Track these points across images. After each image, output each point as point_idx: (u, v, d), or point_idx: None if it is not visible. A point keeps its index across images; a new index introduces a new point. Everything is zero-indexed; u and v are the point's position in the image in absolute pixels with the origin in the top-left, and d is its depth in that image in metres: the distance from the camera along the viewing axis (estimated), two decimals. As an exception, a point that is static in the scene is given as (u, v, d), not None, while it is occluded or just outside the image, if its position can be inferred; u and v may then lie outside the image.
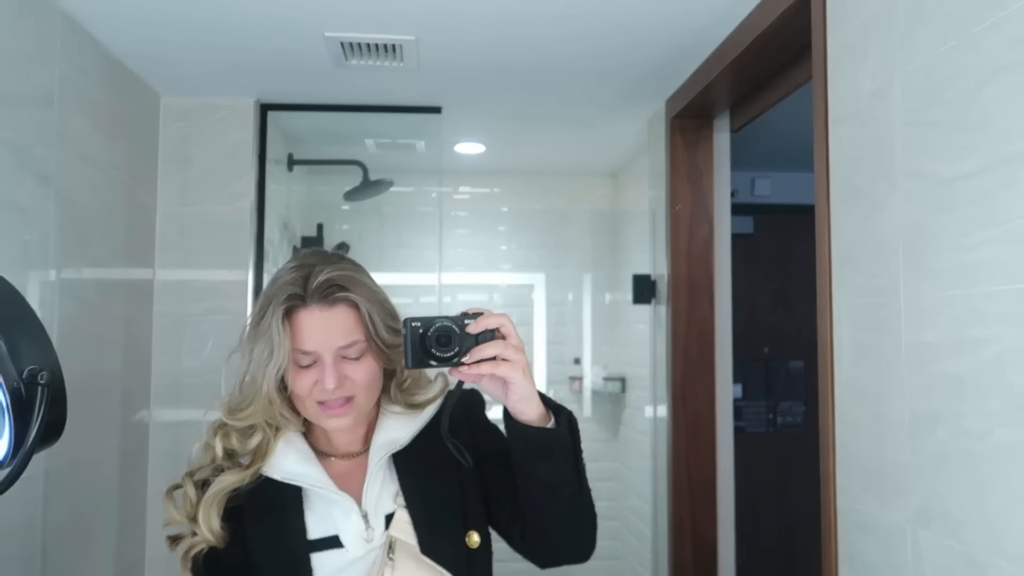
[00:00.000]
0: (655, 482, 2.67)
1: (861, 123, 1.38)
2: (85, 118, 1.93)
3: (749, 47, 1.86)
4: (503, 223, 3.66)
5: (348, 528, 1.09)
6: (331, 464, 1.15)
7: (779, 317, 3.56)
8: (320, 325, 1.08)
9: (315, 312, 1.08)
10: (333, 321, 1.08)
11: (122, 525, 2.20)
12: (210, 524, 1.07)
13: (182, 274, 2.44)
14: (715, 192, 2.49)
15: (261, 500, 1.10)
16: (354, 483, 1.12)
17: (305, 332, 1.08)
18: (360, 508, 1.10)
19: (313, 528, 1.09)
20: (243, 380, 1.12)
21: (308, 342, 1.08)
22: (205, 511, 1.07)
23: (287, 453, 1.12)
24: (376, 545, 1.09)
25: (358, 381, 1.09)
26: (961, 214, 1.11)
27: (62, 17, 1.81)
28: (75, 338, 1.89)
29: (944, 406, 1.15)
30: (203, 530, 1.07)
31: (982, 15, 1.07)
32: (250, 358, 1.10)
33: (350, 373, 1.09)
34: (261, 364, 1.07)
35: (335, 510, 1.10)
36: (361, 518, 1.10)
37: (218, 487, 1.08)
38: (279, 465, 1.11)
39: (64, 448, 1.16)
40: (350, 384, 1.09)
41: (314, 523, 1.10)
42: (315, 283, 1.08)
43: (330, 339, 1.08)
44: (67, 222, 1.84)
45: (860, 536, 1.38)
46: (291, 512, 1.09)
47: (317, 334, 1.08)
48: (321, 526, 1.10)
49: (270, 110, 2.56)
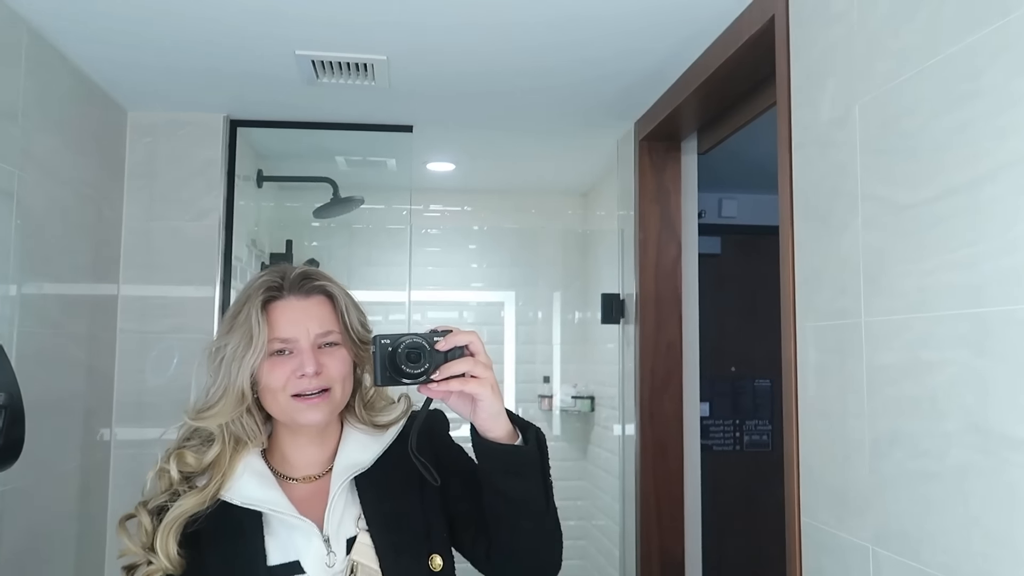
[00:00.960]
0: (623, 501, 2.68)
1: (822, 149, 1.42)
2: (50, 133, 1.91)
3: (715, 72, 1.90)
4: (474, 241, 3.67)
5: (310, 553, 1.07)
6: (292, 488, 1.13)
7: (746, 336, 3.60)
8: (297, 314, 1.11)
9: (292, 302, 1.12)
10: (310, 309, 1.12)
11: (80, 548, 2.15)
12: (167, 551, 1.04)
13: (147, 290, 2.41)
14: (683, 212, 2.53)
15: (220, 525, 1.07)
16: (315, 507, 1.10)
17: (283, 320, 1.10)
18: (322, 532, 1.09)
19: (273, 554, 1.07)
20: (209, 389, 1.11)
21: (286, 329, 1.09)
22: (163, 537, 1.04)
23: (247, 477, 1.10)
24: (338, 571, 1.07)
25: (334, 372, 1.10)
26: (917, 239, 1.14)
27: (28, 32, 1.79)
28: (36, 355, 1.85)
29: (902, 427, 1.17)
30: (161, 558, 1.04)
31: (936, 49, 1.11)
32: (222, 356, 1.09)
33: (326, 363, 1.10)
34: (237, 355, 1.07)
35: (296, 535, 1.08)
36: (323, 543, 1.08)
37: (177, 512, 1.06)
38: (238, 490, 1.08)
39: (21, 468, 1.13)
40: (326, 375, 1.10)
41: (274, 548, 1.07)
42: (292, 276, 1.13)
43: (308, 326, 1.10)
44: (29, 237, 1.81)
45: (823, 555, 1.39)
46: (251, 537, 1.07)
47: (295, 322, 1.10)
48: (282, 551, 1.07)
49: (240, 126, 2.54)
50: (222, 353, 1.09)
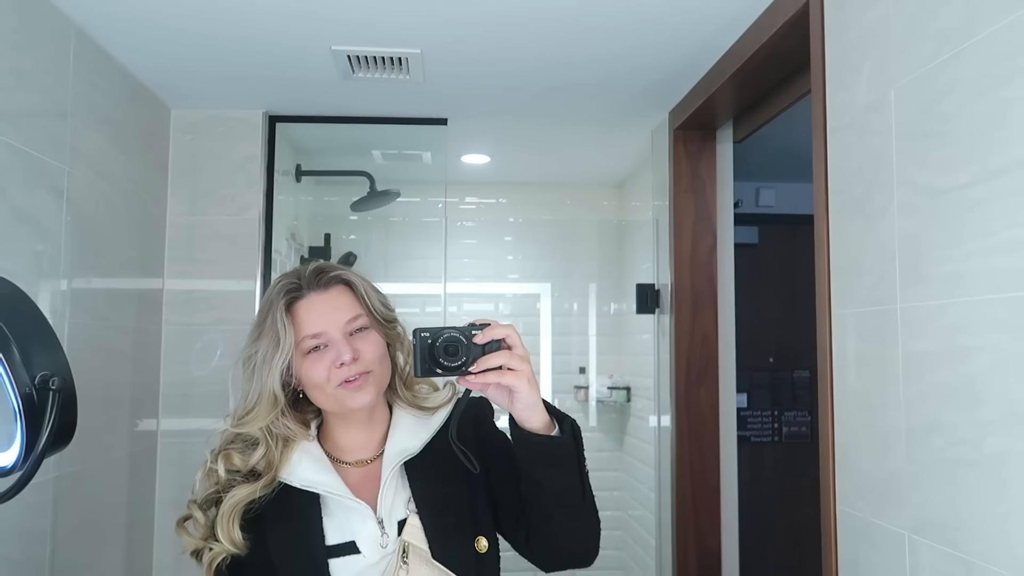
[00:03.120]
0: (659, 491, 2.67)
1: (858, 135, 1.40)
2: (97, 131, 1.97)
3: (750, 60, 1.89)
4: (509, 233, 3.68)
5: (365, 534, 1.12)
6: (345, 471, 1.18)
7: (785, 327, 3.56)
8: (322, 308, 1.14)
9: (313, 298, 1.15)
10: (332, 300, 1.15)
11: (130, 531, 2.22)
12: (231, 536, 1.10)
13: (191, 284, 2.47)
14: (718, 202, 2.51)
15: (280, 508, 1.13)
16: (368, 490, 1.15)
17: (309, 317, 1.13)
18: (376, 514, 1.13)
19: (331, 534, 1.12)
20: (247, 396, 1.15)
21: (314, 324, 1.13)
22: (223, 524, 1.10)
23: (304, 462, 1.15)
24: (390, 551, 1.11)
25: (370, 355, 1.14)
26: (955, 224, 1.13)
27: (76, 33, 1.85)
28: (85, 347, 1.92)
29: (939, 415, 1.16)
30: (225, 543, 1.09)
31: (973, 30, 1.09)
32: (254, 363, 1.13)
33: (361, 347, 1.14)
34: (267, 360, 1.12)
35: (352, 517, 1.13)
36: (377, 524, 1.12)
37: (232, 500, 1.11)
38: (297, 473, 1.14)
39: (73, 454, 1.18)
40: (363, 359, 1.13)
41: (332, 529, 1.12)
42: (307, 274, 1.17)
43: (334, 316, 1.14)
44: (78, 233, 1.87)
45: (859, 543, 1.38)
46: (309, 518, 1.12)
47: (321, 315, 1.13)
48: (339, 532, 1.12)
49: (278, 122, 2.59)
50: (253, 360, 1.14)
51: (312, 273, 1.17)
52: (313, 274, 1.17)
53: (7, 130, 1.57)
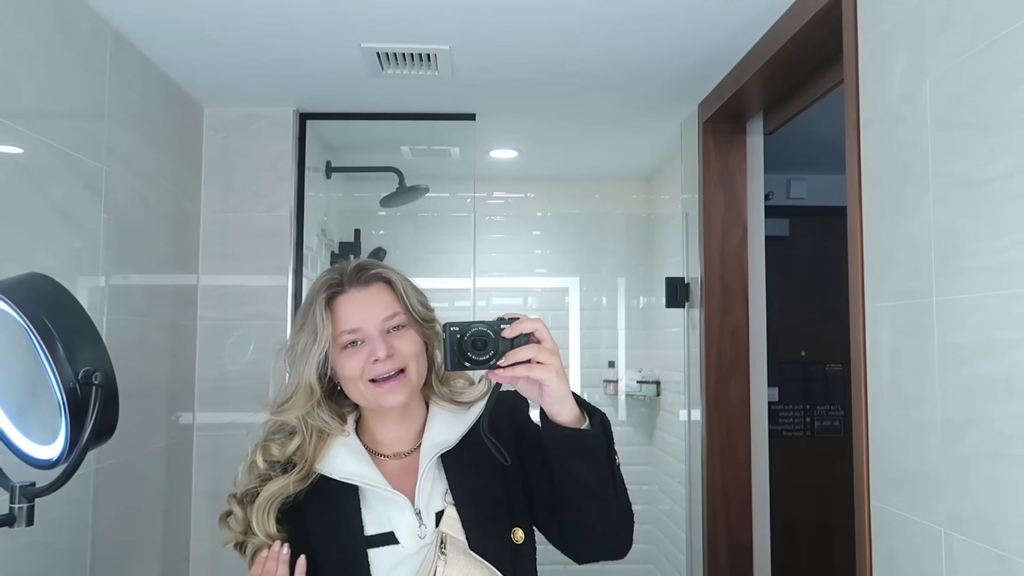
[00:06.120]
0: (690, 486, 2.67)
1: (892, 126, 1.38)
2: (133, 130, 2.01)
3: (780, 51, 1.87)
4: (537, 227, 3.68)
5: (403, 525, 1.14)
6: (383, 463, 1.20)
7: (817, 320, 3.52)
8: (360, 303, 1.16)
9: (354, 294, 1.17)
10: (372, 297, 1.17)
11: (168, 522, 2.27)
12: (266, 529, 1.13)
13: (224, 280, 2.51)
14: (748, 194, 2.49)
15: (320, 498, 1.15)
16: (406, 482, 1.17)
17: (348, 312, 1.16)
18: (413, 506, 1.15)
19: (370, 525, 1.14)
20: (287, 385, 1.19)
21: (352, 320, 1.15)
22: (259, 517, 1.13)
23: (343, 454, 1.17)
24: (428, 542, 1.13)
25: (406, 352, 1.16)
26: (991, 216, 1.11)
27: (112, 34, 1.88)
28: (123, 342, 1.96)
29: (975, 409, 1.14)
30: (260, 536, 1.13)
31: (1011, 18, 1.07)
32: (294, 354, 1.16)
33: (396, 344, 1.15)
34: (305, 351, 1.15)
35: (391, 508, 1.15)
36: (415, 515, 1.14)
37: (267, 493, 1.14)
38: (336, 465, 1.16)
39: (112, 447, 1.21)
40: (399, 356, 1.15)
41: (371, 520, 1.15)
42: (349, 270, 1.19)
43: (372, 313, 1.16)
44: (116, 230, 1.91)
45: (893, 538, 1.37)
46: (349, 509, 1.15)
47: (359, 311, 1.16)
48: (377, 523, 1.15)
49: (309, 119, 2.62)
50: (294, 351, 1.17)
51: (354, 270, 1.19)
52: (355, 271, 1.19)
53: (47, 130, 1.61)
